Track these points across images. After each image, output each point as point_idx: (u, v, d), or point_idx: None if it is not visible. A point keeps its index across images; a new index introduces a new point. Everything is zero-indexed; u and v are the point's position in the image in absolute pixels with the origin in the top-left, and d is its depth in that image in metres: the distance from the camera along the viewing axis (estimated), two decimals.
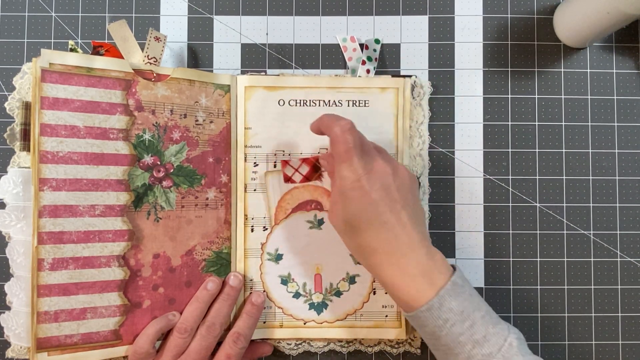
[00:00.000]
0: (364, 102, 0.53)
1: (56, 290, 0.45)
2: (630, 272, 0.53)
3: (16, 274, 0.46)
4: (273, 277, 0.52)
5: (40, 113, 0.44)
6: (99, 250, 0.46)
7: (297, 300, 0.52)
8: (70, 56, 0.46)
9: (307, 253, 0.52)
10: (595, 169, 0.54)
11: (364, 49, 0.54)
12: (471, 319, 0.40)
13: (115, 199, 0.47)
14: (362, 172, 0.41)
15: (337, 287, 0.52)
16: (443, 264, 0.42)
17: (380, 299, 0.52)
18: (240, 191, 0.52)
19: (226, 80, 0.51)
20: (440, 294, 0.40)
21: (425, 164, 0.53)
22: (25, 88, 0.50)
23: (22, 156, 0.50)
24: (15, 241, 0.46)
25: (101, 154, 0.46)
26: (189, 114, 0.50)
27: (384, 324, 0.52)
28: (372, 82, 0.53)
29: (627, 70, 0.54)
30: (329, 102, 0.53)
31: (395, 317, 0.52)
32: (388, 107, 0.53)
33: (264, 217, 0.52)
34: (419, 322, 0.42)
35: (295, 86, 0.53)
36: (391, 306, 0.52)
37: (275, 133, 0.52)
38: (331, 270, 0.52)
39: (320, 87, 0.53)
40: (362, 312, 0.52)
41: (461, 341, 0.40)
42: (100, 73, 0.46)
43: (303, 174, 0.52)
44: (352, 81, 0.53)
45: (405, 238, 0.41)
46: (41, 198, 0.44)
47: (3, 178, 0.46)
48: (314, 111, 0.52)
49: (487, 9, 0.55)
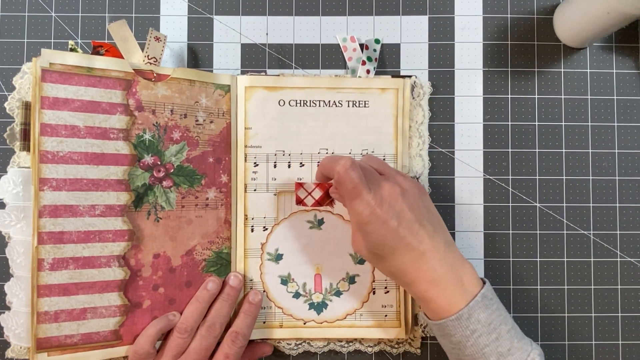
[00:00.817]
0: (364, 102, 0.53)
1: (56, 291, 0.45)
2: (630, 272, 0.53)
3: (16, 274, 0.46)
4: (273, 277, 0.52)
5: (40, 113, 0.44)
6: (99, 250, 0.46)
7: (297, 300, 0.52)
8: (70, 56, 0.46)
9: (307, 253, 0.52)
10: (595, 169, 0.54)
11: (364, 49, 0.54)
12: (497, 331, 0.41)
13: (116, 199, 0.47)
14: (374, 203, 0.41)
15: (337, 287, 0.52)
16: (473, 276, 0.43)
17: (379, 298, 0.52)
18: (240, 191, 0.52)
19: (226, 80, 0.51)
20: (470, 305, 0.41)
21: (425, 164, 0.53)
22: (25, 88, 0.50)
23: (22, 156, 0.50)
24: (15, 241, 0.46)
25: (101, 154, 0.46)
26: (189, 114, 0.50)
27: (384, 324, 0.52)
28: (372, 82, 0.53)
29: (627, 70, 0.54)
30: (329, 102, 0.53)
31: (395, 317, 0.52)
32: (388, 107, 0.53)
33: (264, 217, 0.52)
34: (445, 331, 0.43)
35: (295, 86, 0.53)
36: (390, 305, 0.52)
37: (275, 133, 0.52)
38: (331, 270, 0.52)
39: (320, 88, 0.53)
40: (362, 312, 0.52)
41: (486, 353, 0.41)
42: (100, 73, 0.46)
43: (315, 199, 0.52)
44: (352, 82, 0.53)
45: (431, 254, 0.42)
46: (41, 198, 0.44)
47: (3, 178, 0.46)
48: (314, 111, 0.52)
49: (487, 9, 0.55)
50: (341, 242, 0.47)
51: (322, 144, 0.52)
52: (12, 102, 0.51)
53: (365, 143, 0.52)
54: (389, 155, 0.52)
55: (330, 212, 0.52)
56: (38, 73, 0.44)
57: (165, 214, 0.48)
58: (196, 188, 0.50)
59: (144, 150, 0.48)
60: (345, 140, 0.53)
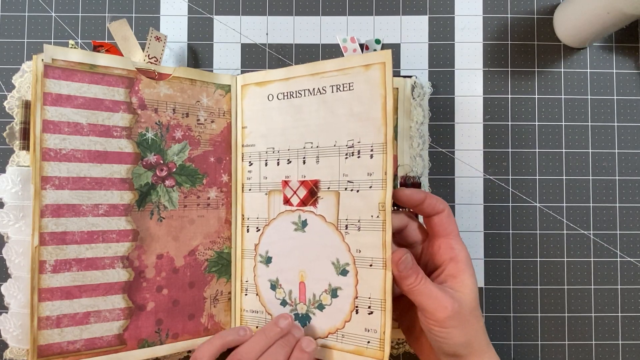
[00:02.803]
0: (347, 85, 0.48)
1: (58, 294, 0.44)
2: (630, 272, 0.53)
3: (14, 275, 0.45)
4: (264, 281, 0.51)
5: (43, 109, 0.44)
6: (103, 251, 0.46)
7: (284, 308, 0.50)
8: (73, 52, 0.45)
9: (292, 257, 0.50)
10: (595, 169, 0.54)
11: (364, 49, 0.53)
12: None
13: (119, 198, 0.46)
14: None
15: (319, 299, 0.49)
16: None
17: (362, 319, 0.47)
18: (238, 191, 0.52)
19: (227, 80, 0.51)
20: None
21: (425, 164, 0.53)
22: (24, 87, 0.50)
23: (21, 155, 0.50)
24: (14, 241, 0.45)
25: (105, 152, 0.46)
26: (190, 113, 0.49)
27: (365, 352, 0.46)
28: (353, 60, 0.47)
29: (627, 70, 0.54)
30: (313, 90, 0.49)
31: (378, 346, 0.46)
32: (374, 87, 0.46)
33: (257, 217, 0.51)
34: None
35: (277, 79, 0.50)
36: (374, 331, 0.46)
37: (265, 130, 0.51)
38: (314, 279, 0.49)
39: (301, 76, 0.49)
40: (344, 333, 0.47)
41: None
42: (103, 70, 0.46)
43: (300, 198, 0.49)
44: (331, 63, 0.48)
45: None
46: (43, 197, 0.44)
47: (1, 177, 0.46)
48: (299, 103, 0.49)
49: (487, 9, 0.55)
50: (323, 248, 0.45)
51: (307, 137, 0.49)
52: (12, 101, 0.51)
53: (352, 133, 0.47)
54: (377, 145, 0.46)
55: (313, 212, 0.49)
56: (40, 69, 0.44)
57: (168, 214, 0.48)
58: (198, 187, 0.49)
59: (147, 148, 0.47)
60: (329, 132, 0.48)
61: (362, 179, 0.45)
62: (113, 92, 0.46)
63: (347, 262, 0.46)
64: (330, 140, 0.48)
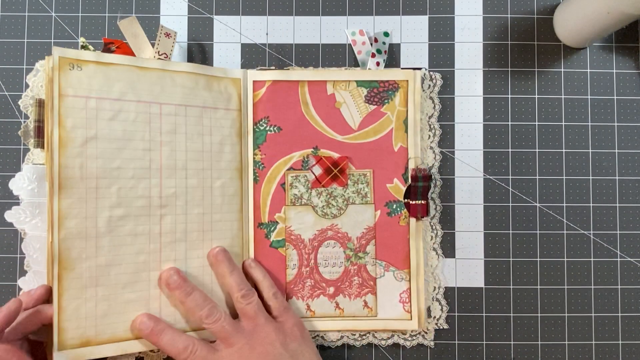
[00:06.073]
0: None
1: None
2: (630, 272, 0.53)
3: (33, 269, 0.47)
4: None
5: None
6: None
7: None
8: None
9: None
10: (595, 169, 0.54)
11: (373, 42, 0.54)
12: None
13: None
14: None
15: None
16: None
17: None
18: (250, 186, 0.52)
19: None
20: None
21: (436, 156, 0.53)
22: (38, 86, 0.51)
23: (36, 153, 0.51)
24: (31, 237, 0.47)
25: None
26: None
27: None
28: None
29: (627, 70, 0.54)
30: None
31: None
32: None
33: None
34: None
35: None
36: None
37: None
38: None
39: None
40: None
41: None
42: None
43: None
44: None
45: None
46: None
47: (17, 175, 0.48)
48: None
49: (487, 9, 0.55)
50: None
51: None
52: (26, 100, 0.52)
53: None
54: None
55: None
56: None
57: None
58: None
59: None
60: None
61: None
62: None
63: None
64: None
